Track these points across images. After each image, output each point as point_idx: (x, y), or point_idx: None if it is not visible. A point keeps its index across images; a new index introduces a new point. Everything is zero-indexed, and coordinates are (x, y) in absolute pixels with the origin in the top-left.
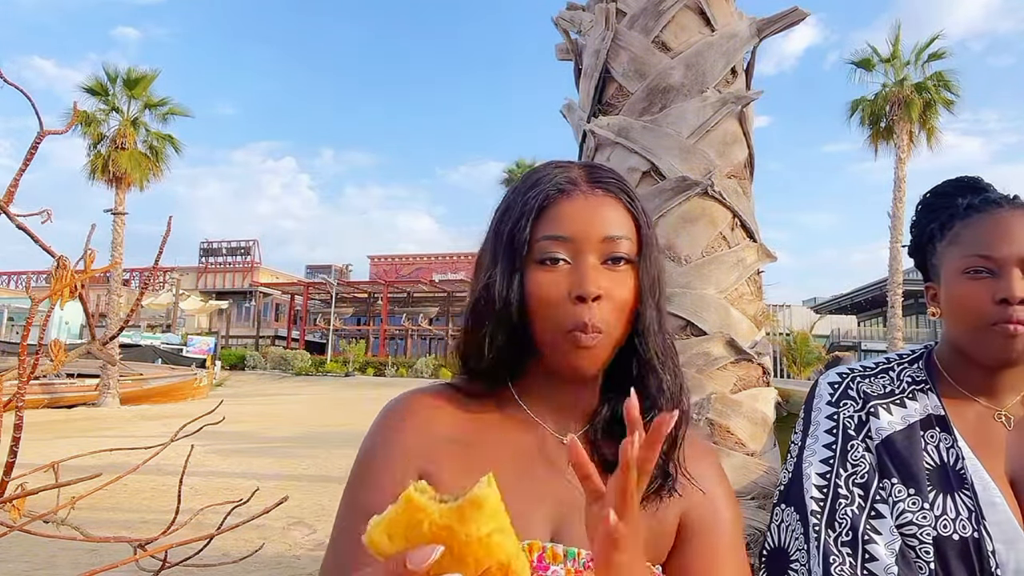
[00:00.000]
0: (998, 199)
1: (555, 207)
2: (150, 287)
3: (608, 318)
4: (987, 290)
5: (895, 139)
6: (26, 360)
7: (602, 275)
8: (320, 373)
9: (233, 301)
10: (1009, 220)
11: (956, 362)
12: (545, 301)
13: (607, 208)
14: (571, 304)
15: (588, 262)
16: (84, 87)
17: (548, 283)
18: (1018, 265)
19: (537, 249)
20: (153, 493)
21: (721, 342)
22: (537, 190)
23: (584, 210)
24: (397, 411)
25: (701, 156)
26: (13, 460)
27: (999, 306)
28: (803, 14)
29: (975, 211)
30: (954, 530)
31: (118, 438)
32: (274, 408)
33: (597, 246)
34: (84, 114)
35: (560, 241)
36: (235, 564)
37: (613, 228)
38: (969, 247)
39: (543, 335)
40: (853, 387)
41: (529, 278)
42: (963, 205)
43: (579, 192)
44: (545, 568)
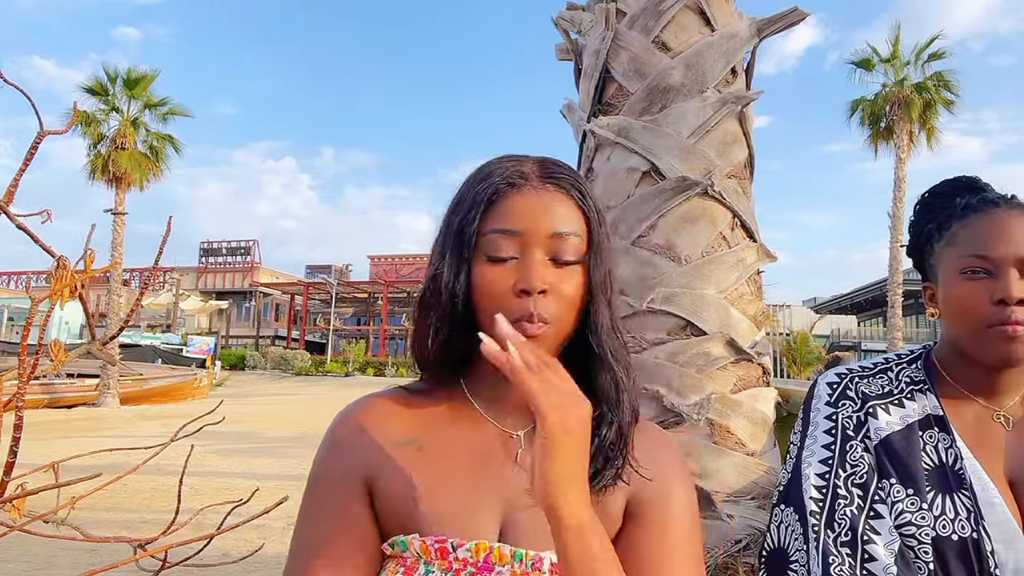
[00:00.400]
0: (995, 199)
1: (504, 201)
2: (150, 287)
3: (554, 311)
4: (985, 290)
5: (895, 139)
6: (26, 360)
7: (549, 270)
8: (320, 373)
9: (233, 301)
10: (1006, 220)
11: (955, 362)
12: (490, 294)
13: (557, 203)
14: (515, 297)
15: (535, 257)
16: (84, 87)
17: (494, 277)
18: (1015, 265)
19: (485, 243)
20: (153, 493)
21: (721, 342)
22: (487, 183)
23: (534, 205)
24: (343, 424)
25: (701, 156)
26: (13, 460)
27: (997, 307)
28: (803, 14)
29: (972, 211)
30: (953, 530)
31: (118, 438)
32: (274, 408)
33: (545, 241)
34: (84, 114)
35: (508, 235)
36: (235, 564)
37: (562, 224)
38: (966, 247)
39: (488, 328)
40: (852, 387)
41: (476, 271)
42: (960, 205)
43: (529, 187)
44: (490, 568)
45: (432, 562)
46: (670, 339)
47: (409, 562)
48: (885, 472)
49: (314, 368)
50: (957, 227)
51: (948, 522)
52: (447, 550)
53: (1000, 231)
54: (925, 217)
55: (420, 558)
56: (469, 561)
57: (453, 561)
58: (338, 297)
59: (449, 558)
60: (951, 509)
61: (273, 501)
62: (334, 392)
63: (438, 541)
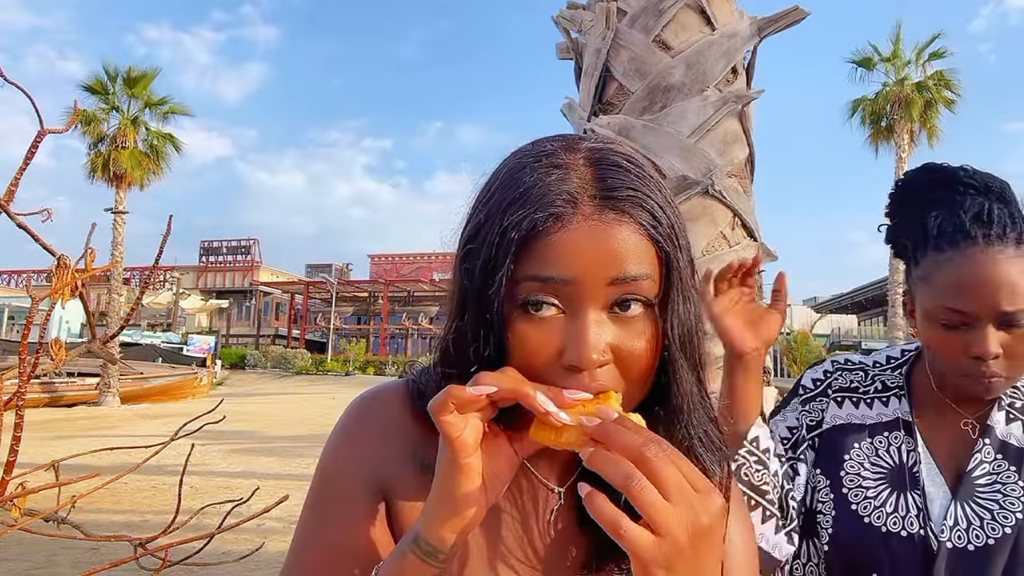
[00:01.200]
0: (971, 230)
1: (544, 238)
2: (150, 286)
3: (617, 382)
4: (961, 342)
5: (896, 138)
6: (27, 359)
7: (607, 329)
8: (320, 372)
9: (233, 300)
10: (983, 266)
11: (941, 376)
12: (529, 362)
13: (618, 239)
14: (561, 369)
15: (591, 317)
16: (84, 85)
17: (534, 339)
18: (992, 319)
19: (520, 290)
20: (153, 492)
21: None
22: (521, 213)
23: (586, 243)
24: (357, 422)
25: (702, 155)
26: (14, 459)
27: (973, 361)
28: (803, 13)
29: (948, 246)
30: (903, 527)
31: (118, 437)
32: (274, 407)
33: (602, 291)
34: (84, 113)
35: (551, 284)
36: (235, 563)
37: (627, 267)
38: (942, 296)
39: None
40: (832, 386)
41: (510, 327)
42: (933, 230)
43: (580, 216)
44: None
45: None
46: None
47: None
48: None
49: (314, 367)
50: (931, 263)
51: (899, 519)
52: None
53: (976, 281)
54: (900, 216)
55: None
56: None
57: None
58: (338, 296)
59: None
60: (903, 507)
61: (273, 500)
62: (334, 391)
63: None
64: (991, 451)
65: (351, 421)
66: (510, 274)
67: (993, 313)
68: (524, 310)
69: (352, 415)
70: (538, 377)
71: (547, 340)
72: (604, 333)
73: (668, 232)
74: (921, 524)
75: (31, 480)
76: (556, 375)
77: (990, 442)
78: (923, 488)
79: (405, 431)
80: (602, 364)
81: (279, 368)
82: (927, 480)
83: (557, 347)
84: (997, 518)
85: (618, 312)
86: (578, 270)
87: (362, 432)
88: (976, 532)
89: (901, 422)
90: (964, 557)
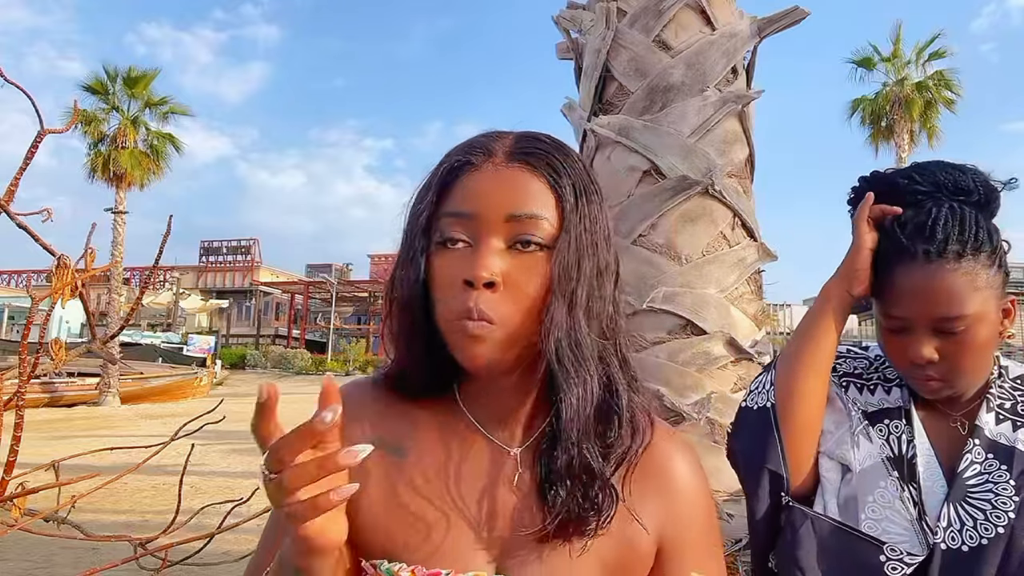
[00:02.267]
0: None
1: (460, 180)
2: (150, 286)
3: (504, 309)
4: (903, 346)
5: (896, 138)
6: (27, 359)
7: (503, 259)
8: (320, 372)
9: (233, 300)
10: (920, 277)
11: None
12: (439, 285)
13: (520, 181)
14: (461, 289)
15: (487, 244)
16: (84, 86)
17: (444, 266)
18: (927, 326)
19: (438, 228)
20: (154, 492)
21: (721, 341)
22: (446, 161)
23: (491, 183)
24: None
25: (702, 155)
26: (14, 459)
27: (912, 364)
28: (803, 13)
29: (895, 259)
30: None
31: (118, 437)
32: None
33: (500, 225)
34: (84, 113)
35: (459, 219)
36: (235, 563)
37: (522, 205)
38: (885, 303)
39: (439, 324)
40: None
41: (431, 263)
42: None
43: (491, 163)
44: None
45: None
46: (670, 338)
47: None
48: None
49: (314, 367)
50: (883, 272)
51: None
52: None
53: (913, 291)
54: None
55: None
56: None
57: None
58: (338, 296)
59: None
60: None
61: None
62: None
63: (431, 574)
64: (981, 451)
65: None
66: (432, 211)
67: (927, 320)
68: (442, 246)
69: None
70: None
71: (455, 268)
72: (498, 259)
73: (570, 185)
74: (916, 516)
75: (31, 480)
76: (456, 294)
77: (980, 442)
78: (919, 481)
79: (367, 415)
80: (492, 284)
81: (279, 368)
82: (923, 473)
83: (460, 271)
84: (990, 518)
85: (518, 248)
86: (481, 206)
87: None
88: (969, 533)
89: (902, 411)
90: (958, 558)
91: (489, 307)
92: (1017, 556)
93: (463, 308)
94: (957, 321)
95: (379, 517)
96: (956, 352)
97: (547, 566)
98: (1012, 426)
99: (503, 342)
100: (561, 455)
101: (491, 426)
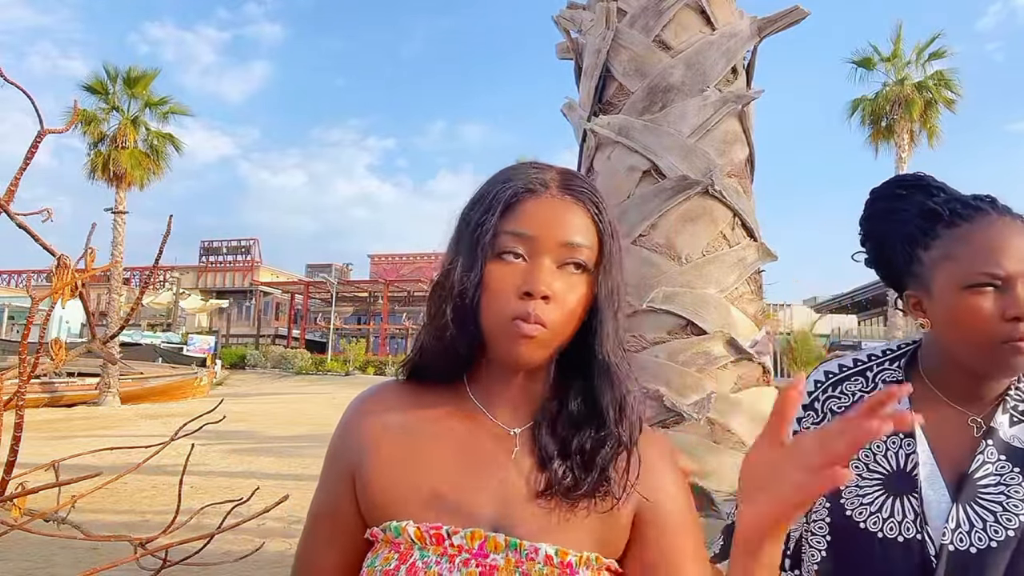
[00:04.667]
0: (982, 205)
1: (522, 204)
2: (150, 286)
3: (554, 317)
4: (994, 306)
5: (896, 138)
6: (27, 359)
7: (555, 277)
8: (320, 372)
9: (233, 300)
10: (1006, 232)
11: (943, 370)
12: (496, 293)
13: (572, 214)
14: (518, 298)
15: (543, 263)
16: (84, 85)
17: (502, 276)
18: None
19: (498, 243)
20: (154, 492)
21: (721, 341)
22: (508, 186)
23: (549, 212)
24: (350, 409)
25: (702, 155)
26: (13, 459)
27: (1010, 323)
28: (803, 13)
29: (965, 220)
30: (899, 532)
31: (118, 437)
32: (275, 407)
33: (555, 249)
34: (84, 113)
35: (520, 238)
36: (235, 563)
37: (574, 234)
38: (972, 263)
39: (488, 322)
40: (821, 400)
41: (487, 269)
42: (945, 211)
43: (548, 194)
44: (485, 555)
45: (427, 547)
46: (670, 338)
47: (403, 548)
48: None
49: (314, 367)
50: (950, 237)
51: (895, 524)
52: (443, 537)
53: (1005, 245)
54: (887, 222)
55: (415, 544)
56: (464, 548)
57: (448, 547)
58: (338, 296)
59: (444, 544)
60: (899, 511)
61: (273, 500)
62: (335, 391)
63: (433, 528)
64: (995, 452)
65: (345, 412)
66: (494, 227)
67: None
68: (499, 258)
69: (348, 407)
70: (500, 304)
71: (512, 278)
72: (552, 278)
73: (608, 221)
74: (918, 529)
75: (31, 480)
76: (512, 301)
77: (994, 443)
78: (921, 492)
79: (390, 406)
80: (547, 297)
81: (279, 368)
82: (925, 483)
83: (518, 284)
84: (1001, 520)
85: (564, 269)
86: (541, 230)
87: (349, 418)
88: (979, 534)
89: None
90: (966, 559)
91: (545, 314)
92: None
93: (522, 312)
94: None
95: (388, 487)
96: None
97: (545, 529)
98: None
99: (549, 343)
100: (570, 433)
101: (494, 410)
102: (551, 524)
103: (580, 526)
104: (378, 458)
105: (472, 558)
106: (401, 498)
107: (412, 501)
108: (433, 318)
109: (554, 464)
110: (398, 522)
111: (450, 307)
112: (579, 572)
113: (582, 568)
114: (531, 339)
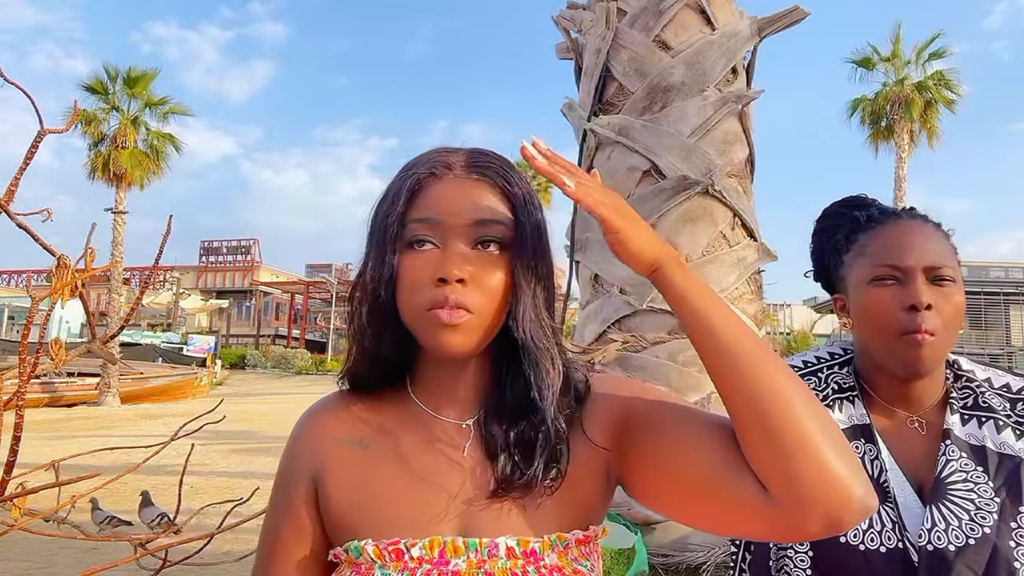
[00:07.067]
0: (897, 211)
1: (425, 190)
2: (150, 286)
3: (475, 301)
4: (895, 297)
5: (896, 138)
6: (27, 359)
7: (469, 259)
8: (320, 372)
9: (233, 300)
10: (911, 230)
11: (870, 372)
12: (410, 284)
13: (478, 191)
14: (433, 286)
15: (455, 246)
16: (84, 85)
17: (414, 266)
18: (923, 272)
19: (406, 232)
20: (153, 492)
21: None
22: (411, 172)
23: (453, 193)
24: (299, 424)
25: (702, 155)
26: (13, 459)
27: (907, 313)
28: (803, 13)
29: (877, 223)
30: (881, 543)
31: (118, 437)
32: (275, 407)
33: (466, 230)
34: (84, 113)
35: (427, 224)
36: (235, 563)
37: (483, 212)
38: (877, 257)
39: (407, 316)
40: None
41: (398, 261)
42: (863, 217)
43: (451, 176)
44: (447, 563)
45: (387, 565)
46: (670, 338)
47: (364, 568)
48: None
49: (314, 367)
50: (864, 239)
51: (876, 534)
52: (401, 551)
53: (907, 240)
54: (826, 236)
55: (375, 563)
56: (424, 559)
57: (408, 561)
58: (338, 296)
59: (404, 559)
60: (878, 521)
61: None
62: (334, 391)
63: (391, 544)
64: (956, 450)
65: (295, 427)
66: (399, 217)
67: (921, 265)
68: (410, 247)
69: (298, 422)
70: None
71: (425, 267)
72: (466, 259)
73: (521, 194)
74: (899, 537)
75: (31, 480)
76: (428, 293)
77: (952, 443)
78: (895, 499)
79: (340, 419)
80: (462, 280)
81: (279, 368)
82: (897, 490)
83: (432, 271)
84: (975, 518)
85: (480, 249)
86: (446, 212)
87: (300, 433)
88: (955, 532)
89: (860, 429)
90: (944, 558)
91: (464, 297)
92: (1003, 556)
93: (438, 299)
94: (946, 270)
95: (347, 506)
96: (944, 303)
97: (505, 522)
98: (977, 423)
99: (475, 328)
100: (510, 424)
101: (440, 407)
102: (511, 516)
103: (540, 511)
104: (334, 477)
105: (433, 568)
106: (359, 517)
107: (370, 518)
108: (351, 322)
109: (500, 459)
110: (358, 541)
111: (366, 308)
112: (544, 557)
113: (547, 552)
114: (455, 327)
